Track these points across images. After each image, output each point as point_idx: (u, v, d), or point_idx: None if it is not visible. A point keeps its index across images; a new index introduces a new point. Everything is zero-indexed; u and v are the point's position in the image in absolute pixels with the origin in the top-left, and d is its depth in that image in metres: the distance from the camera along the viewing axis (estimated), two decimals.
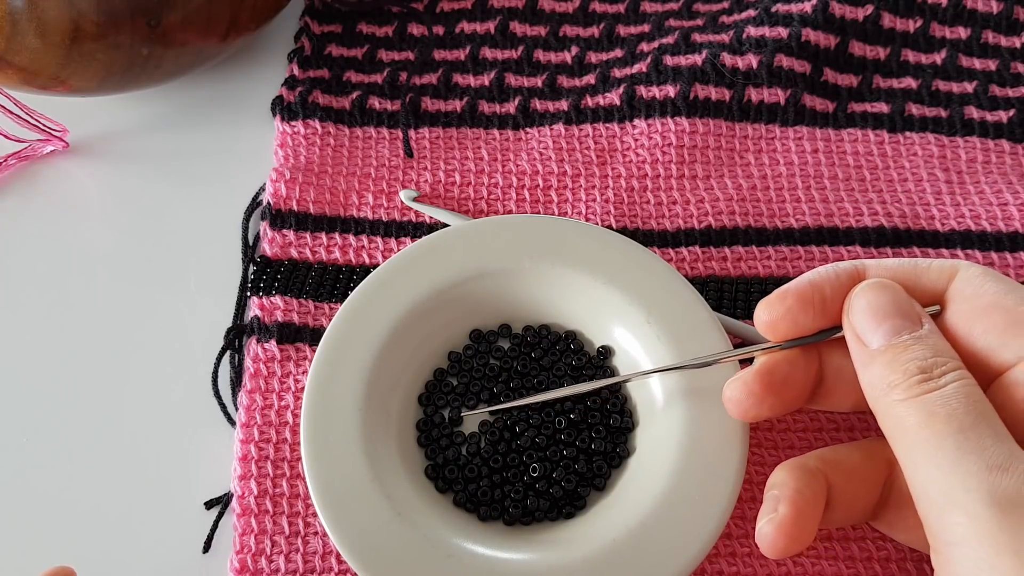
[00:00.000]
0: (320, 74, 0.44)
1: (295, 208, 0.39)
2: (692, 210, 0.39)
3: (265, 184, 0.40)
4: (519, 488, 0.32)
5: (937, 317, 0.27)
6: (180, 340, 0.37)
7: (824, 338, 0.28)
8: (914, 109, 0.43)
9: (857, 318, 0.26)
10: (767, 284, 0.37)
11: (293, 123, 0.42)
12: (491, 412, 0.33)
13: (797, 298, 0.27)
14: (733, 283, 0.37)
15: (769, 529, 0.26)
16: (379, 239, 0.39)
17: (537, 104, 0.43)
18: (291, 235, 0.38)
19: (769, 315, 0.28)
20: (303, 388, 0.33)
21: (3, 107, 0.40)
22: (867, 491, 0.28)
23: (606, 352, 0.34)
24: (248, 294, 0.37)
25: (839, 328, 0.27)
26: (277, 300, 0.36)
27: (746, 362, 0.29)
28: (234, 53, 0.44)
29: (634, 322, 0.33)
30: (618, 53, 0.45)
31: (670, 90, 0.42)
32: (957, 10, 0.45)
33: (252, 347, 0.35)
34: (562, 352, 0.35)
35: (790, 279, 0.37)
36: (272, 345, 0.35)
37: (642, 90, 0.42)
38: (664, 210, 0.40)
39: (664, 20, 0.46)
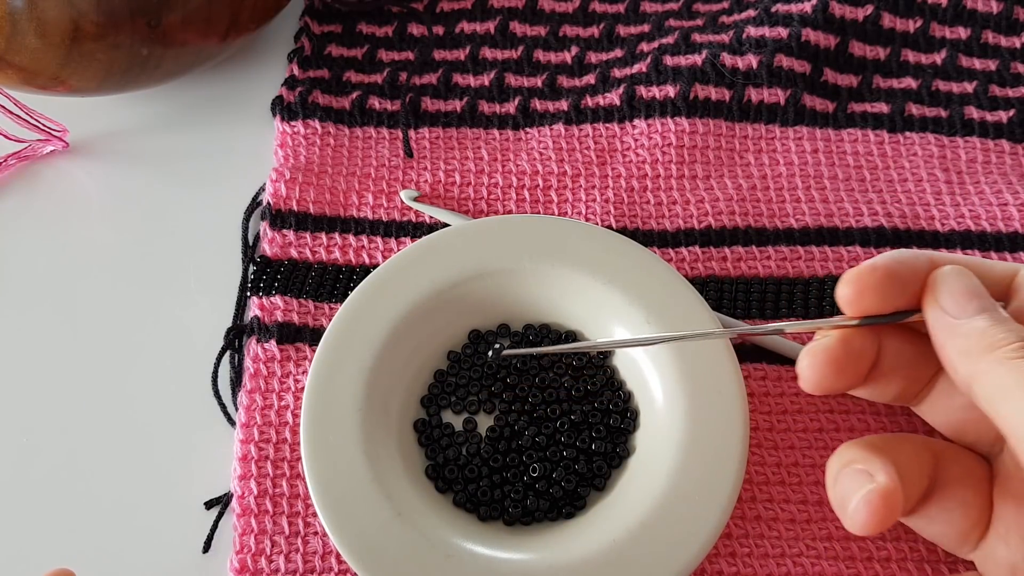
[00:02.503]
0: (320, 74, 0.44)
1: (295, 208, 0.39)
2: (692, 210, 0.39)
3: (265, 184, 0.40)
4: (519, 488, 0.32)
5: None
6: (180, 340, 0.37)
7: (899, 319, 0.27)
8: (914, 109, 0.43)
9: (944, 295, 0.26)
10: (767, 284, 0.37)
11: (293, 123, 0.42)
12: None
13: (887, 271, 0.27)
14: (733, 283, 0.37)
15: (873, 497, 0.25)
16: (379, 239, 0.39)
17: (537, 104, 0.43)
18: (291, 235, 0.38)
19: (859, 283, 0.27)
20: (303, 388, 0.33)
21: (3, 107, 0.40)
22: (918, 479, 0.27)
23: (606, 352, 0.34)
24: (248, 294, 0.37)
25: (909, 313, 0.27)
26: (277, 300, 0.36)
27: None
28: (234, 53, 0.44)
29: (634, 322, 0.33)
30: (618, 53, 0.45)
31: (670, 90, 0.42)
32: (957, 10, 0.45)
33: (252, 347, 0.35)
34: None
35: (790, 279, 0.37)
36: (272, 345, 0.35)
37: (642, 90, 0.42)
38: (664, 210, 0.40)
39: (664, 20, 0.46)
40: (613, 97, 0.43)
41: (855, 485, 0.25)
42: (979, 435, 0.28)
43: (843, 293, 0.27)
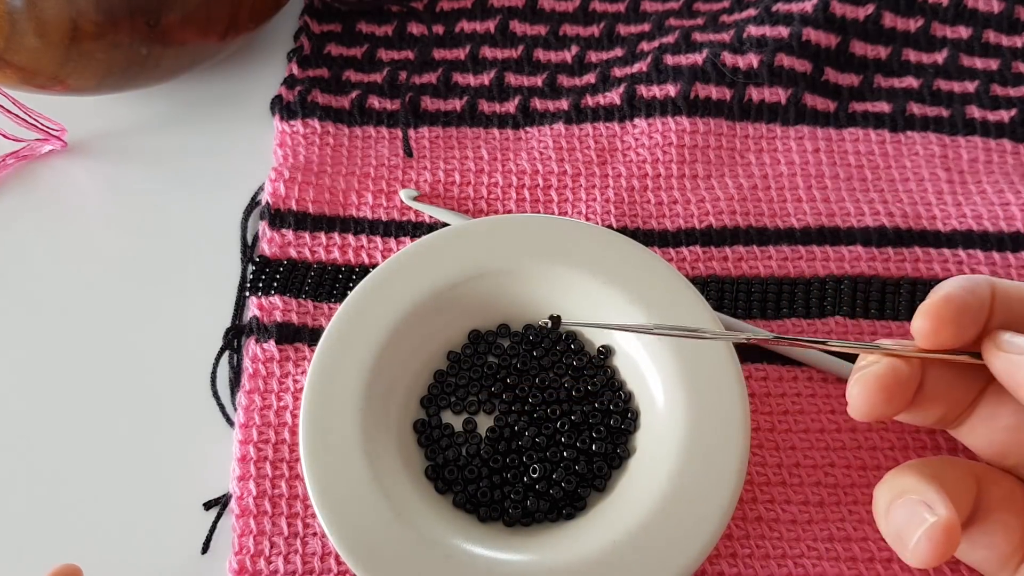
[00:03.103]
0: (319, 73, 0.44)
1: (294, 208, 0.39)
2: (692, 210, 0.39)
3: (264, 184, 0.40)
4: (519, 489, 0.31)
5: None
6: (179, 340, 0.37)
7: (940, 356, 0.27)
8: (915, 108, 0.43)
9: (1005, 341, 0.26)
10: (768, 284, 0.37)
11: (292, 122, 0.42)
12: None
13: (960, 303, 0.26)
14: (734, 283, 0.37)
15: (937, 533, 0.24)
16: (379, 239, 0.39)
17: (537, 104, 0.43)
18: (290, 235, 0.38)
19: (934, 320, 0.27)
20: (302, 388, 0.33)
21: (2, 107, 0.40)
22: (965, 508, 0.27)
23: (606, 352, 0.34)
24: (247, 294, 0.37)
25: (951, 352, 0.27)
26: (276, 300, 0.36)
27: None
28: (233, 52, 0.44)
29: (634, 322, 0.33)
30: (618, 52, 0.45)
31: (670, 89, 0.42)
32: (958, 9, 0.45)
33: (251, 347, 0.35)
34: (562, 352, 0.35)
35: (791, 279, 0.37)
36: (271, 345, 0.35)
37: (642, 89, 0.42)
38: (664, 210, 0.39)
39: (664, 19, 0.46)
40: (613, 96, 0.43)
41: (915, 519, 0.25)
42: (1021, 458, 0.28)
43: (919, 326, 0.27)
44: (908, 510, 0.25)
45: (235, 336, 0.36)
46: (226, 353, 0.36)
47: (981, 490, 0.27)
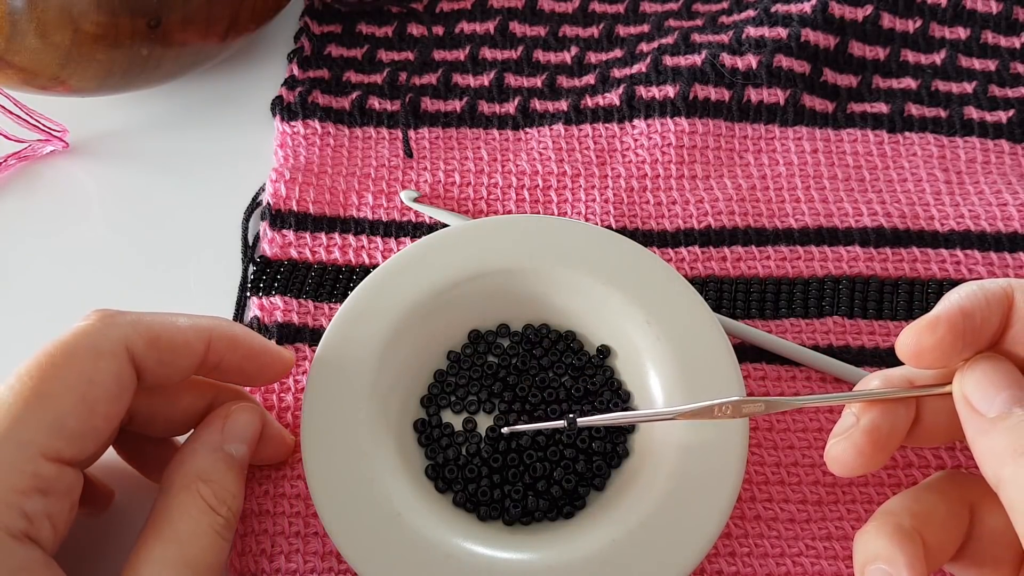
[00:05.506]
0: (320, 74, 0.44)
1: (295, 208, 0.39)
2: (692, 210, 0.39)
3: (265, 184, 0.40)
4: (519, 488, 0.32)
5: None
6: None
7: (928, 393, 0.26)
8: (914, 109, 0.43)
9: (971, 388, 0.25)
10: (767, 284, 0.37)
11: (293, 123, 0.42)
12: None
13: (949, 328, 0.25)
14: (733, 283, 0.37)
15: None
16: (379, 239, 0.39)
17: (537, 104, 0.43)
18: (291, 235, 0.38)
19: (916, 344, 0.25)
20: (303, 388, 0.33)
21: (3, 107, 0.40)
22: (953, 543, 0.26)
23: (605, 352, 0.34)
24: (248, 294, 0.37)
25: (940, 385, 0.26)
26: (277, 300, 0.36)
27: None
28: (234, 53, 0.44)
29: (634, 322, 0.33)
30: (618, 53, 0.45)
31: (670, 90, 0.42)
32: (956, 10, 0.45)
33: None
34: (562, 352, 0.35)
35: (790, 279, 0.37)
36: None
37: (642, 90, 0.43)
38: (664, 210, 0.40)
39: (664, 20, 0.46)
40: (613, 97, 0.43)
41: None
42: None
43: (903, 347, 0.26)
44: None
45: None
46: None
47: (976, 521, 0.26)
